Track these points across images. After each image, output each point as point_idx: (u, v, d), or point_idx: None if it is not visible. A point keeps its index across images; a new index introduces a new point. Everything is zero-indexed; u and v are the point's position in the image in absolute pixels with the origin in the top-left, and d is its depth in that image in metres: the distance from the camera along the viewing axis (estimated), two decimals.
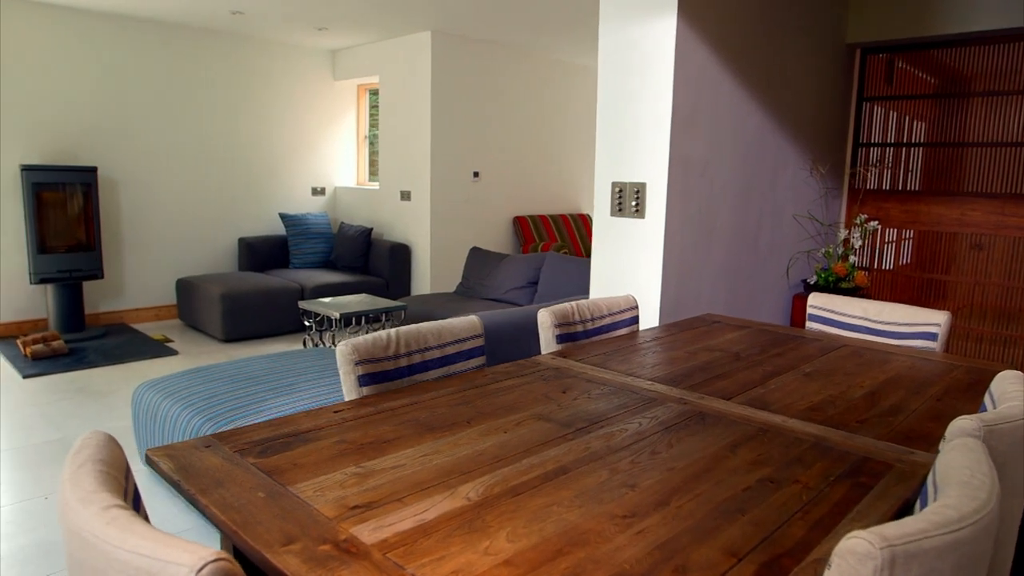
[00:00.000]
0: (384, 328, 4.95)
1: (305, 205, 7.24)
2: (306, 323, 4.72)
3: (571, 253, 7.03)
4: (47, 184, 5.35)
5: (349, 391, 1.66)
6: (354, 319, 4.63)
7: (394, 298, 6.48)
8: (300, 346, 5.49)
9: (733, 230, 3.71)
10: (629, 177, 3.34)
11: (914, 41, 4.28)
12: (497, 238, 6.95)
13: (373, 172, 7.61)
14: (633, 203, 3.31)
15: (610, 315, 2.43)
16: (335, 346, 4.86)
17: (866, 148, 4.63)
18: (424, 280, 6.46)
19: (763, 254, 4.03)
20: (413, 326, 1.85)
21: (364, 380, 1.67)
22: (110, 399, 4.23)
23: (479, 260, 5.55)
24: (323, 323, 4.70)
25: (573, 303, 2.32)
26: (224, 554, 0.74)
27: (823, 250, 4.42)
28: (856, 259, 4.36)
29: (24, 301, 5.65)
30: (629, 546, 1.02)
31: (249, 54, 6.62)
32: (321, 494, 1.14)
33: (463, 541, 1.01)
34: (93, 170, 5.53)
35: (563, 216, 7.42)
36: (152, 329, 6.06)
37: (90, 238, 5.57)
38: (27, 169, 5.26)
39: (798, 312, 4.28)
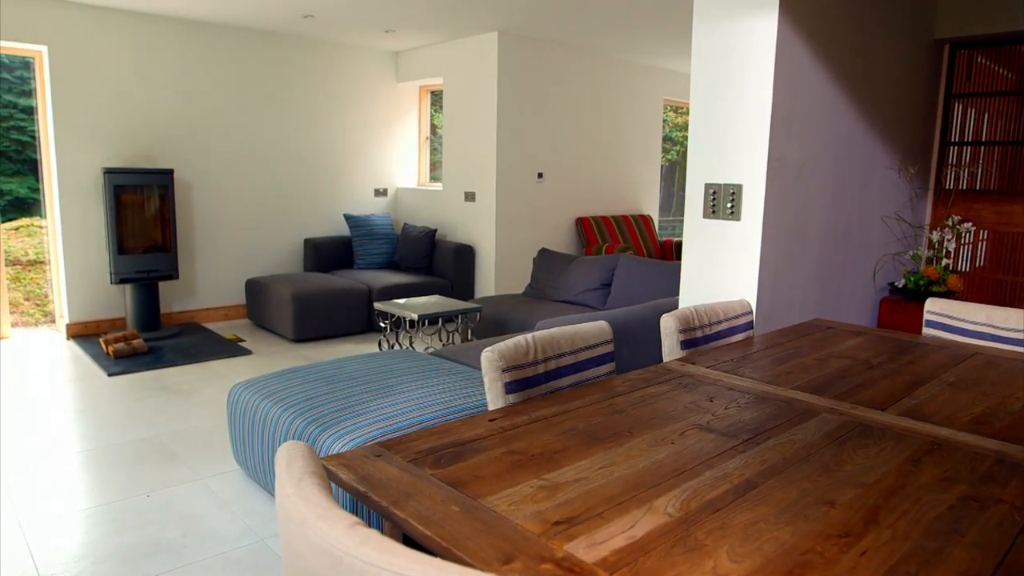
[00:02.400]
0: (458, 329, 4.95)
1: (368, 206, 7.28)
2: (381, 324, 4.73)
3: (634, 255, 6.95)
4: (127, 186, 5.46)
5: (495, 399, 1.63)
6: (426, 321, 4.62)
7: (458, 299, 6.48)
8: (371, 346, 5.51)
9: (825, 233, 3.62)
10: (724, 179, 3.27)
11: (1004, 36, 4.13)
12: (560, 239, 6.91)
13: (432, 173, 7.63)
14: (728, 205, 3.24)
15: (726, 320, 2.38)
16: (412, 347, 4.88)
17: (953, 147, 4.48)
18: (488, 281, 6.44)
19: (851, 257, 3.92)
20: (546, 331, 1.83)
21: (510, 387, 1.64)
22: (194, 398, 4.29)
23: (548, 261, 5.52)
24: (399, 324, 4.71)
25: (691, 308, 2.27)
26: None
27: (911, 253, 4.30)
28: (949, 262, 4.22)
29: (104, 300, 5.78)
30: (859, 569, 0.97)
31: (315, 57, 6.68)
32: (516, 508, 1.12)
33: (686, 561, 0.97)
34: (170, 172, 5.62)
35: (625, 217, 7.35)
36: (222, 328, 6.14)
37: (166, 239, 5.67)
38: (109, 172, 5.37)
39: (885, 316, 4.17)
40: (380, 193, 7.35)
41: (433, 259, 6.63)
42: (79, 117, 5.50)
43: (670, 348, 2.14)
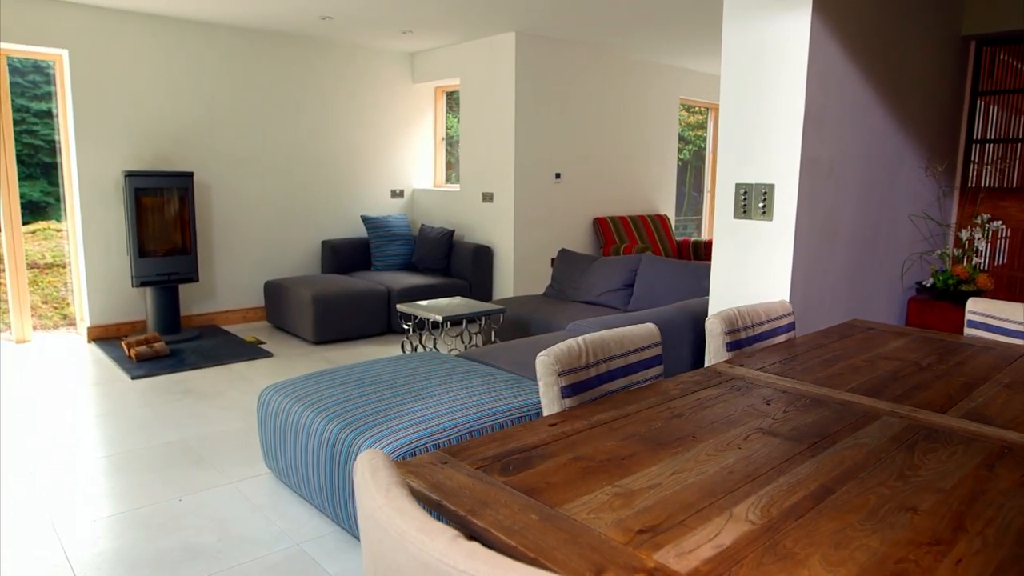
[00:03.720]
0: (480, 331, 4.93)
1: (384, 207, 7.28)
2: (404, 326, 4.71)
3: (652, 255, 6.92)
4: (148, 189, 5.46)
5: (551, 403, 1.61)
6: (448, 322, 4.61)
7: (477, 300, 6.46)
8: (391, 348, 5.50)
9: (854, 232, 3.59)
10: (755, 178, 3.24)
11: None
12: (577, 239, 6.89)
13: (448, 174, 7.62)
14: (760, 205, 3.22)
15: (768, 321, 2.35)
16: (436, 349, 4.86)
17: (979, 145, 4.45)
18: (507, 282, 6.43)
19: (879, 256, 3.89)
20: (596, 334, 1.81)
21: (566, 392, 1.62)
22: (218, 401, 4.28)
23: (569, 262, 5.50)
24: (421, 325, 4.69)
25: (734, 309, 2.24)
26: None
27: (938, 252, 4.27)
28: (979, 261, 4.18)
29: (125, 303, 5.78)
30: None
31: (331, 59, 6.68)
32: (596, 516, 1.10)
33: (781, 570, 0.95)
34: (190, 175, 5.62)
35: (642, 217, 7.32)
36: (242, 331, 6.14)
37: (186, 242, 5.67)
38: (130, 175, 5.37)
39: (913, 316, 4.13)
40: (396, 194, 7.34)
41: (451, 260, 6.62)
42: (99, 120, 5.51)
43: (716, 350, 2.12)
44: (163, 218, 5.58)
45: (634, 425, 1.50)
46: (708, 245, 7.29)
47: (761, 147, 3.19)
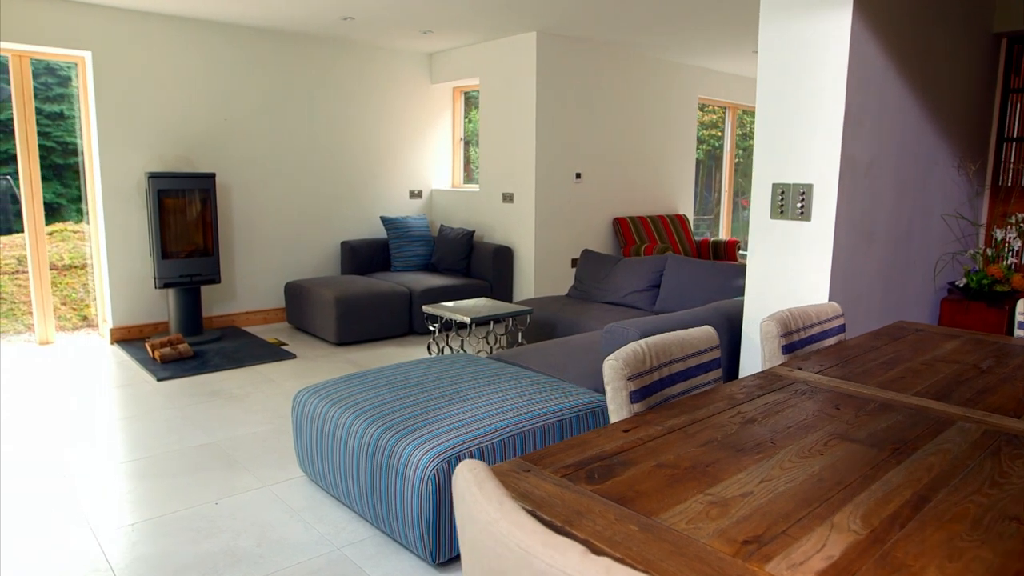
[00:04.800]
0: (506, 332, 4.91)
1: (403, 208, 7.26)
2: (430, 327, 4.70)
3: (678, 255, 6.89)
4: (170, 191, 5.46)
5: (619, 408, 1.59)
6: (474, 324, 4.59)
7: (498, 301, 6.44)
8: (414, 349, 5.49)
9: (889, 232, 3.55)
10: (793, 178, 3.21)
11: None
12: (597, 240, 6.86)
13: (466, 175, 7.60)
14: (798, 205, 3.19)
15: (818, 323, 2.32)
16: (464, 350, 4.84)
17: (1011, 143, 4.40)
18: (528, 283, 6.40)
19: (912, 257, 3.86)
20: (657, 337, 1.78)
21: (635, 396, 1.60)
22: (245, 403, 4.27)
23: (592, 262, 5.47)
24: (448, 326, 4.67)
25: (787, 311, 2.22)
26: None
27: (970, 251, 4.23)
28: (1014, 261, 4.14)
29: (147, 304, 5.78)
30: None
31: (350, 59, 6.67)
32: (695, 526, 1.07)
33: None
34: (212, 176, 5.61)
35: (661, 217, 7.29)
36: (263, 332, 6.13)
37: (208, 243, 5.66)
38: (153, 176, 5.36)
39: (946, 316, 4.10)
40: (415, 195, 7.32)
41: (471, 261, 6.60)
42: (121, 122, 5.51)
43: (771, 352, 2.09)
44: (185, 219, 5.57)
45: (709, 431, 1.47)
46: (728, 245, 7.26)
47: (799, 147, 3.16)
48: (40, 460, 3.44)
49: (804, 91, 3.12)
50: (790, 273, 3.25)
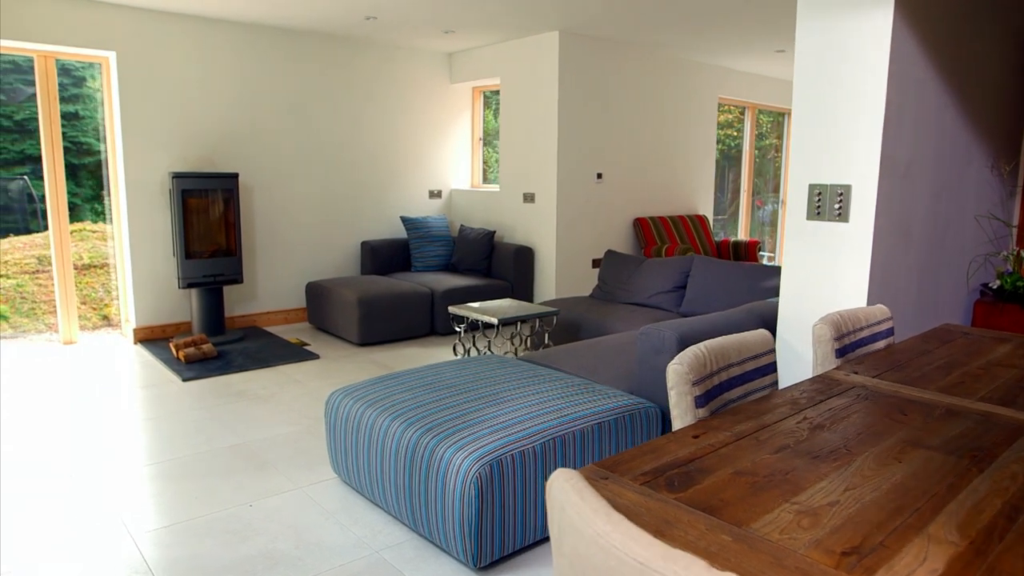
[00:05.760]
0: (532, 333, 4.89)
1: (422, 208, 7.25)
2: (456, 328, 4.68)
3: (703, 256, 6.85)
4: (194, 191, 5.46)
5: (684, 413, 1.57)
6: (501, 325, 4.57)
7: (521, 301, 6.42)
8: (436, 349, 5.47)
9: (923, 233, 3.52)
10: (831, 179, 3.18)
11: None
12: (617, 240, 6.83)
13: (485, 175, 7.58)
14: (836, 206, 3.15)
15: (867, 327, 2.29)
16: (491, 351, 4.82)
17: None
18: (548, 283, 6.38)
19: (946, 258, 3.82)
20: (715, 341, 1.76)
21: (699, 401, 1.58)
22: (272, 403, 4.26)
23: (616, 263, 5.44)
24: (473, 327, 4.65)
25: (836, 314, 2.19)
26: None
27: (1003, 253, 4.18)
28: None
29: (170, 304, 5.79)
30: None
31: (370, 59, 6.66)
32: (789, 536, 1.05)
33: None
34: (235, 176, 5.61)
35: (681, 217, 7.25)
36: (284, 332, 6.13)
37: (231, 243, 5.66)
38: (177, 176, 5.37)
39: (980, 318, 4.05)
40: (434, 195, 7.31)
41: (492, 261, 6.58)
42: (145, 121, 5.51)
43: (823, 356, 2.07)
44: (208, 219, 5.57)
45: (780, 437, 1.45)
46: (749, 246, 7.21)
47: (837, 147, 3.13)
48: (72, 460, 3.43)
49: (842, 91, 3.09)
50: (827, 275, 3.22)
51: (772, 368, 1.88)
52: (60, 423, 3.92)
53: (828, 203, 3.19)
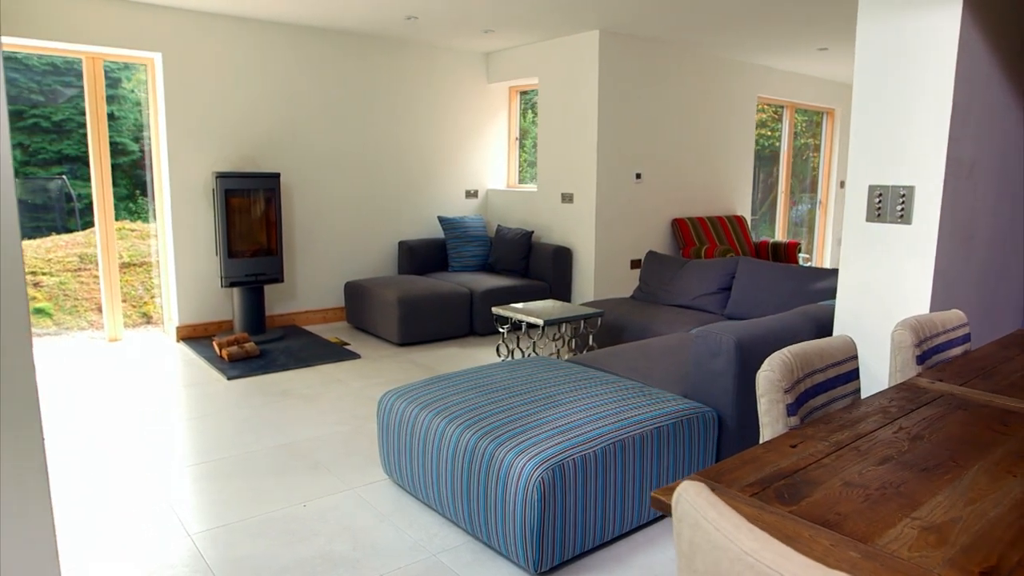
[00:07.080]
0: (576, 334, 4.85)
1: (459, 208, 7.24)
2: (500, 329, 4.66)
3: (748, 257, 6.77)
4: (237, 191, 5.49)
5: (775, 420, 1.53)
6: (546, 326, 4.54)
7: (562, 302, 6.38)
8: (476, 350, 5.45)
9: (986, 236, 3.43)
10: (893, 180, 3.11)
11: None
12: (656, 241, 6.77)
13: (521, 174, 7.56)
14: (898, 208, 3.08)
15: (944, 332, 2.23)
16: (536, 353, 4.79)
17: None
18: (587, 284, 6.34)
19: (1007, 261, 3.73)
20: (798, 347, 1.71)
21: (791, 409, 1.54)
22: (318, 403, 4.27)
23: (657, 264, 5.39)
24: (517, 327, 4.63)
25: (913, 319, 2.13)
26: None
27: None
28: None
29: (213, 303, 5.83)
30: None
31: (407, 59, 6.66)
32: (920, 554, 1.01)
33: None
34: (277, 176, 5.64)
35: (719, 218, 7.18)
36: (323, 331, 6.15)
37: (272, 243, 5.69)
38: (221, 176, 5.40)
39: None
40: (471, 195, 7.30)
41: (530, 261, 6.55)
42: (190, 122, 5.55)
43: (903, 363, 2.01)
44: (250, 219, 5.60)
45: (880, 448, 1.40)
46: (789, 247, 7.12)
47: (900, 148, 3.06)
48: (123, 458, 3.46)
49: (907, 90, 3.02)
50: (887, 279, 3.15)
51: (855, 375, 1.84)
52: (111, 420, 3.96)
53: (889, 205, 3.12)
